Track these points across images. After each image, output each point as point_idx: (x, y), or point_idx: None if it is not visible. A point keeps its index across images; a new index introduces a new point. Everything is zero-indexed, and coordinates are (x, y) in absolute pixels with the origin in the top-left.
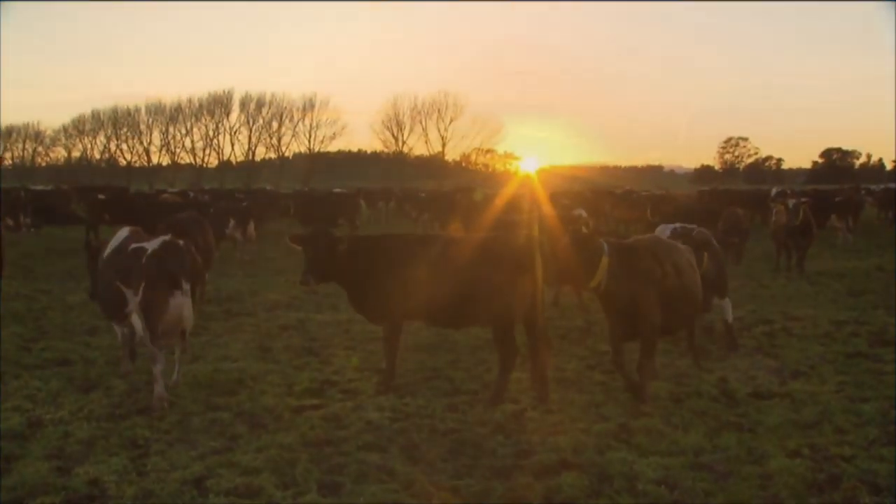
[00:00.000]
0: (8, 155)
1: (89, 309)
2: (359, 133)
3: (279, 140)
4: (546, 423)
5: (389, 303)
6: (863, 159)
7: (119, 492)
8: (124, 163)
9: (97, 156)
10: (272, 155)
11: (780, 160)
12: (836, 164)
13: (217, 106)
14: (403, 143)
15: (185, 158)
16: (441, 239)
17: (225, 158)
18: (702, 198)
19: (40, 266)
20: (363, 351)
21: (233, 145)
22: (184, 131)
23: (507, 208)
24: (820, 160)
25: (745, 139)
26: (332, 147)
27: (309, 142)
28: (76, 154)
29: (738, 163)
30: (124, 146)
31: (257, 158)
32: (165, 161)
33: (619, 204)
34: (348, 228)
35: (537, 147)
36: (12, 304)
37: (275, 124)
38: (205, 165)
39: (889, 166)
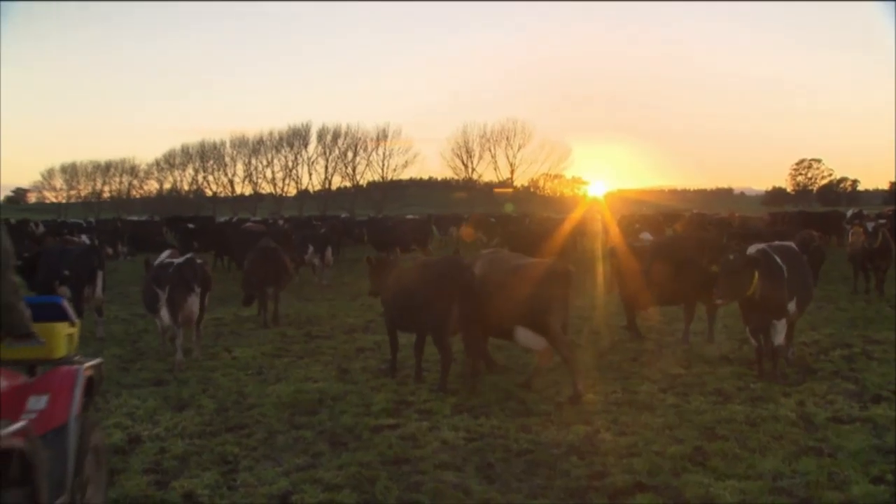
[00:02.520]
0: (107, 188)
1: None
2: (430, 161)
3: (354, 169)
4: (620, 445)
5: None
6: None
7: None
8: (210, 193)
9: (186, 187)
10: (347, 183)
11: (855, 181)
12: None
13: (296, 138)
14: (473, 169)
15: (266, 188)
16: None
17: (303, 187)
18: (774, 220)
19: (136, 292)
20: (436, 372)
21: (310, 175)
22: (265, 162)
23: (575, 232)
24: None
25: (819, 161)
26: (405, 175)
27: (382, 170)
28: (167, 186)
29: (811, 184)
30: (210, 178)
31: (333, 187)
32: (248, 191)
33: (687, 227)
34: (421, 253)
35: (605, 171)
36: (112, 327)
37: (350, 154)
38: (284, 194)
39: None
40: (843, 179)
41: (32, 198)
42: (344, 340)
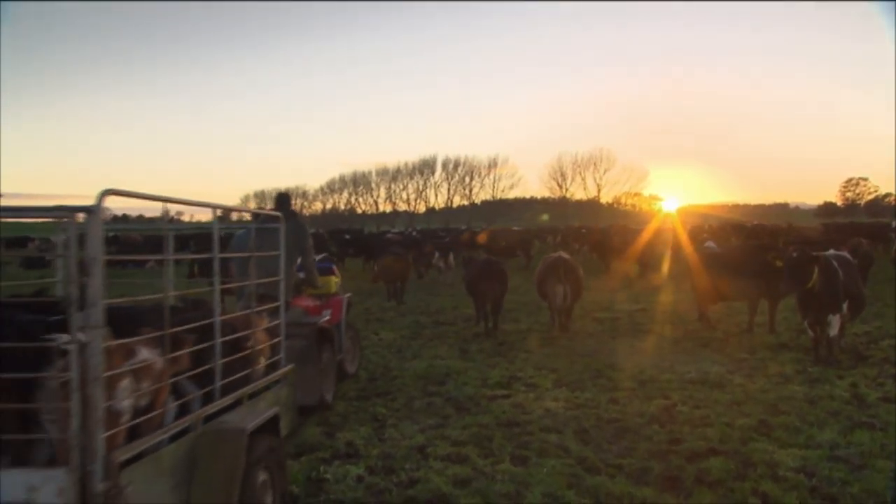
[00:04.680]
0: None
1: None
2: (531, 183)
3: (470, 191)
4: (694, 416)
5: None
6: None
7: (367, 452)
8: (360, 211)
9: (342, 207)
10: (465, 202)
11: None
12: None
13: (425, 167)
14: (566, 190)
15: (402, 206)
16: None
17: (430, 206)
18: (826, 230)
19: None
20: (539, 354)
21: (436, 196)
22: (401, 187)
23: (651, 240)
24: None
25: (865, 179)
26: (510, 194)
27: (493, 191)
28: (329, 206)
29: (859, 199)
30: (360, 199)
31: (454, 205)
32: (388, 209)
33: (749, 235)
34: (523, 257)
35: (677, 189)
36: None
37: (467, 179)
38: (416, 211)
39: None
40: (888, 195)
41: (234, 216)
42: (464, 327)
